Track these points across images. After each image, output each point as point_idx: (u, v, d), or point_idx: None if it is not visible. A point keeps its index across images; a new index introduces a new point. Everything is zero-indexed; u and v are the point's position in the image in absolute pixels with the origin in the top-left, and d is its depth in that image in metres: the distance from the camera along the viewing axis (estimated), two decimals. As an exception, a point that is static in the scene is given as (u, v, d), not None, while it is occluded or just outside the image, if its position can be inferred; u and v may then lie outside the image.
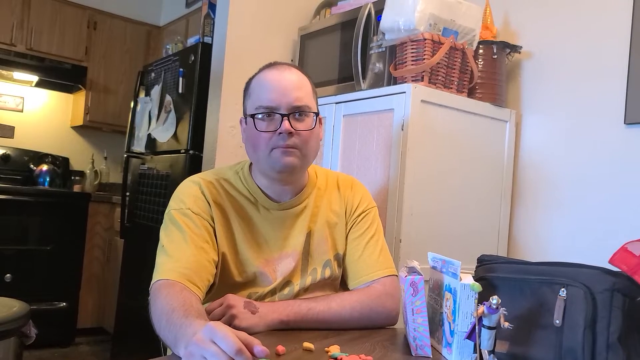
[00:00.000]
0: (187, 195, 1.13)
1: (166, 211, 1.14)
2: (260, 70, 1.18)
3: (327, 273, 1.21)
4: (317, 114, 1.15)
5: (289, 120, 1.09)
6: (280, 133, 1.08)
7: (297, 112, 1.10)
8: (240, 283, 1.14)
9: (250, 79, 1.19)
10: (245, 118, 1.17)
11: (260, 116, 1.10)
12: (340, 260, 1.24)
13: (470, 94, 1.87)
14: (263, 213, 1.17)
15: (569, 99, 1.85)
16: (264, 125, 1.10)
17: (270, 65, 1.17)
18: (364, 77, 1.89)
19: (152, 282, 1.03)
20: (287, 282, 1.16)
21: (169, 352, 1.26)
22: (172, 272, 1.01)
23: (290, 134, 1.08)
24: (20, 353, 1.70)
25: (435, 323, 1.00)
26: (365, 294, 1.14)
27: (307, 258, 1.20)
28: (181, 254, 1.04)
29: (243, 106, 1.20)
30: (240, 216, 1.16)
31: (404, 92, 1.66)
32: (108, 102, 3.92)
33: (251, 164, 1.22)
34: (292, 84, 1.12)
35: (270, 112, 1.09)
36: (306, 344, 0.92)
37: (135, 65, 3.85)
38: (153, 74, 2.92)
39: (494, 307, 0.81)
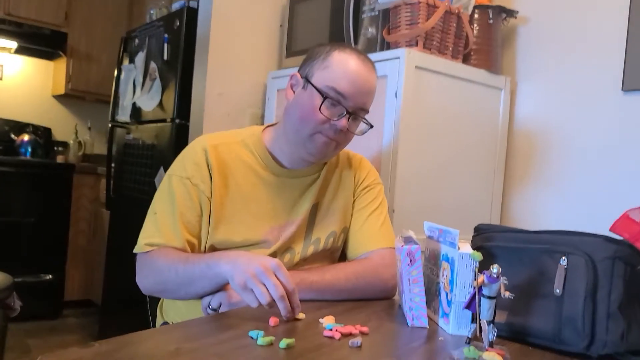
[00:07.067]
0: (191, 162, 1.12)
1: (168, 171, 1.15)
2: (346, 48, 1.12)
3: (330, 243, 1.20)
4: (370, 126, 1.15)
5: (349, 118, 1.08)
6: (332, 123, 1.07)
7: (359, 114, 1.11)
8: (240, 249, 1.11)
9: (333, 49, 1.11)
10: (308, 82, 1.10)
11: (328, 98, 1.07)
12: (347, 233, 1.23)
13: (465, 60, 1.82)
14: (272, 180, 1.16)
15: (565, 66, 1.81)
16: (324, 107, 1.07)
17: (357, 53, 1.12)
18: (356, 43, 1.83)
19: (140, 246, 1.08)
20: (287, 248, 1.15)
21: (158, 324, 1.25)
22: (160, 243, 1.08)
23: (342, 131, 1.08)
24: (4, 325, 1.66)
25: (432, 293, 0.97)
26: (362, 265, 1.12)
27: (311, 227, 1.19)
28: (168, 231, 1.08)
29: (308, 66, 1.13)
30: (249, 181, 1.14)
31: (398, 58, 1.61)
32: (90, 70, 3.80)
33: (264, 129, 1.20)
34: (370, 88, 1.12)
35: (338, 102, 1.07)
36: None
37: (118, 32, 3.71)
38: (137, 41, 2.82)
39: (495, 276, 0.79)
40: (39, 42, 3.62)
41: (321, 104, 1.06)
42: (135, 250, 1.10)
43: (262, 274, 0.87)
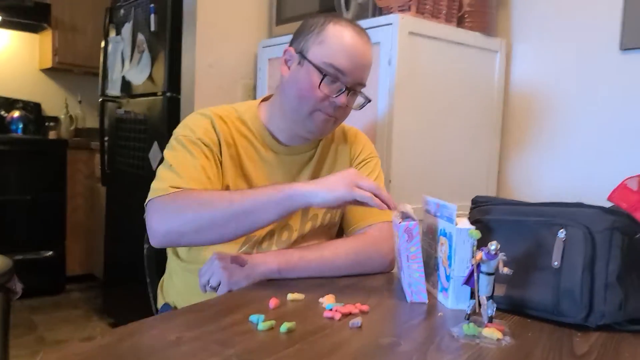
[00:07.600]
0: (198, 126, 1.08)
1: (173, 136, 1.10)
2: (340, 20, 1.09)
3: (328, 219, 1.19)
4: (368, 100, 1.14)
5: (348, 93, 1.07)
6: (332, 100, 1.05)
7: (357, 89, 1.10)
8: None
9: (327, 22, 1.07)
10: (304, 58, 1.07)
11: (327, 75, 1.04)
12: (344, 208, 1.22)
13: (459, 23, 1.78)
14: (271, 157, 1.14)
15: (562, 25, 1.77)
16: (324, 85, 1.05)
17: (352, 25, 1.09)
18: (347, 8, 1.78)
19: (159, 190, 0.99)
20: (285, 225, 1.14)
21: (159, 305, 1.25)
22: (186, 186, 1.00)
23: (340, 107, 1.07)
24: (7, 309, 1.67)
25: (430, 267, 0.98)
26: (361, 240, 1.12)
27: None
28: (192, 178, 1.01)
29: (302, 40, 1.09)
30: (249, 157, 1.12)
31: (391, 24, 1.57)
32: (77, 42, 3.72)
33: (259, 104, 1.17)
34: (367, 62, 1.10)
35: (337, 78, 1.05)
36: (292, 296, 0.89)
37: (103, 1, 3.62)
38: (122, 11, 2.74)
39: (493, 252, 0.78)
40: (23, 14, 3.53)
41: (320, 82, 1.04)
42: (152, 196, 1.00)
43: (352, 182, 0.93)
